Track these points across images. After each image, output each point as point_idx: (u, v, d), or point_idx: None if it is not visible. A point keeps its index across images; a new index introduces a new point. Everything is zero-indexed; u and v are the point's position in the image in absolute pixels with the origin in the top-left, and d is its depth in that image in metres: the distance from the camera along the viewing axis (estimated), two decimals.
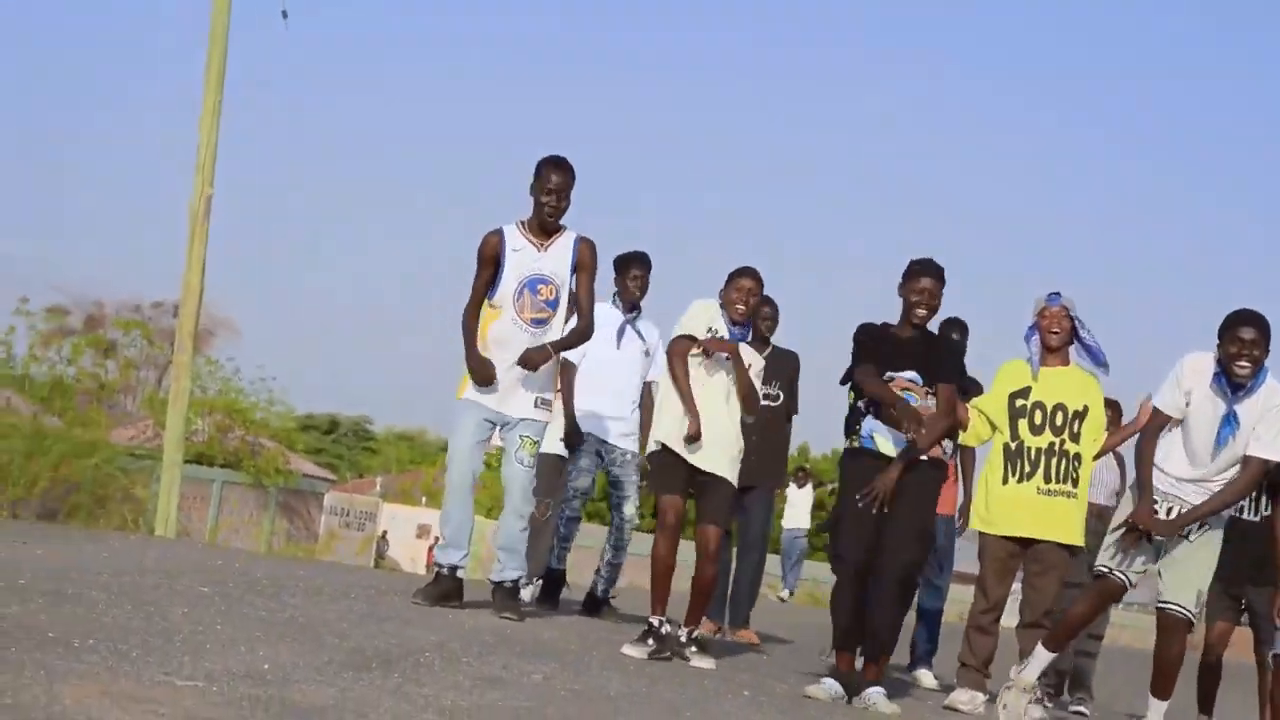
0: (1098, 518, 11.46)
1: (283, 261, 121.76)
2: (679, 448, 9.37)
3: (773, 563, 16.95)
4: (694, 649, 9.39)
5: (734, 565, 12.45)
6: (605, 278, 11.25)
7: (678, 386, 9.32)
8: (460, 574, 9.99)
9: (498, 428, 9.87)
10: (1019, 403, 9.77)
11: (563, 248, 9.84)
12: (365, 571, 11.96)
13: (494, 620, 9.39)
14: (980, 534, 9.89)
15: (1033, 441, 9.72)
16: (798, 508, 28.25)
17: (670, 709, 7.02)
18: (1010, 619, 10.45)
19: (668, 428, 9.40)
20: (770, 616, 12.71)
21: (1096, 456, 9.92)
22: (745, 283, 9.36)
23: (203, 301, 18.73)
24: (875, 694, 8.72)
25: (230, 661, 5.92)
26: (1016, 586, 9.99)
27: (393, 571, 29.20)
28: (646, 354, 11.62)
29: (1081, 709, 11.76)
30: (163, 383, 52.37)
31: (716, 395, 9.39)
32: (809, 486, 28.47)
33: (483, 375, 9.65)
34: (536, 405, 9.84)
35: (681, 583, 9.41)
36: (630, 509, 11.64)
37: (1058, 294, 9.80)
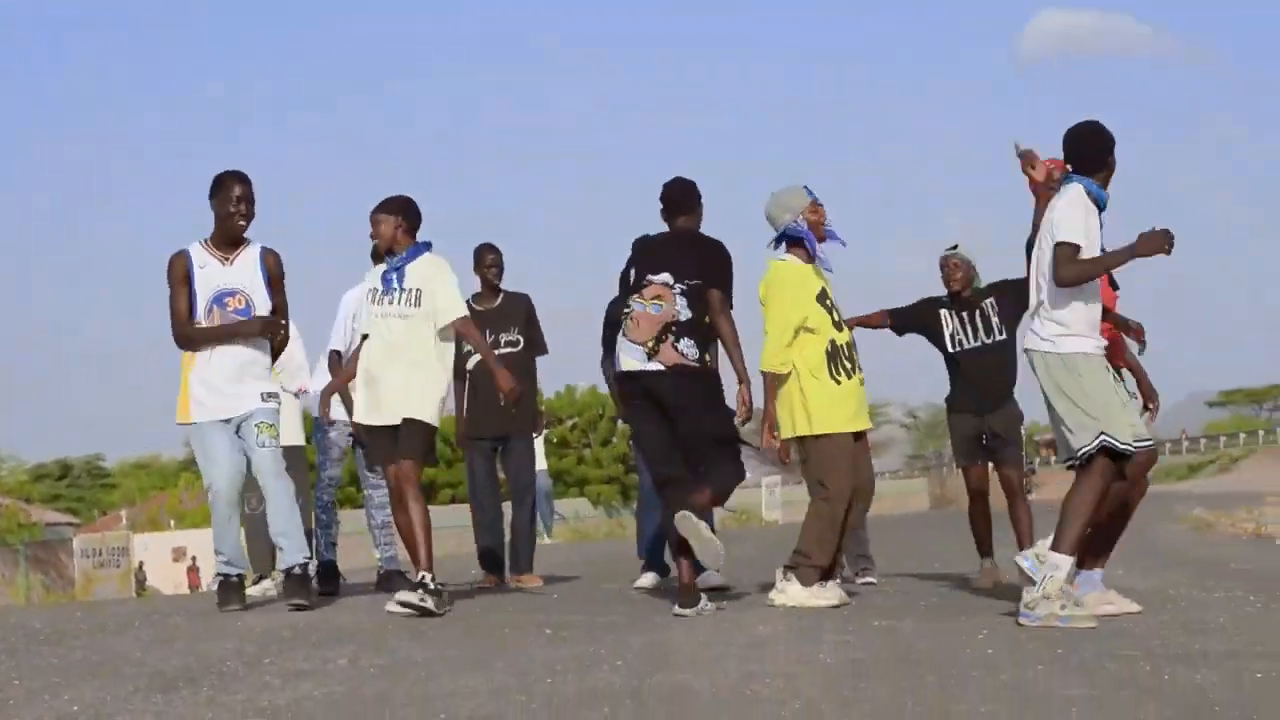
0: None
1: None
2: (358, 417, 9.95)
3: None
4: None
5: (508, 516, 12.51)
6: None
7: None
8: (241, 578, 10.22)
9: (237, 427, 9.86)
10: (825, 303, 9.80)
11: (249, 260, 10.02)
12: (136, 602, 11.80)
13: (286, 618, 9.34)
14: (824, 436, 9.76)
15: (841, 338, 9.82)
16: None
17: (479, 664, 7.07)
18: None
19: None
20: (540, 560, 12.77)
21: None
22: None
23: None
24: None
25: (38, 710, 5.87)
26: None
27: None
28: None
29: (870, 579, 11.94)
30: None
31: (373, 352, 9.77)
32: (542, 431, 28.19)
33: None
34: (264, 399, 9.92)
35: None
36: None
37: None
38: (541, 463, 29.67)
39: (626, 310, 9.50)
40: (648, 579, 11.86)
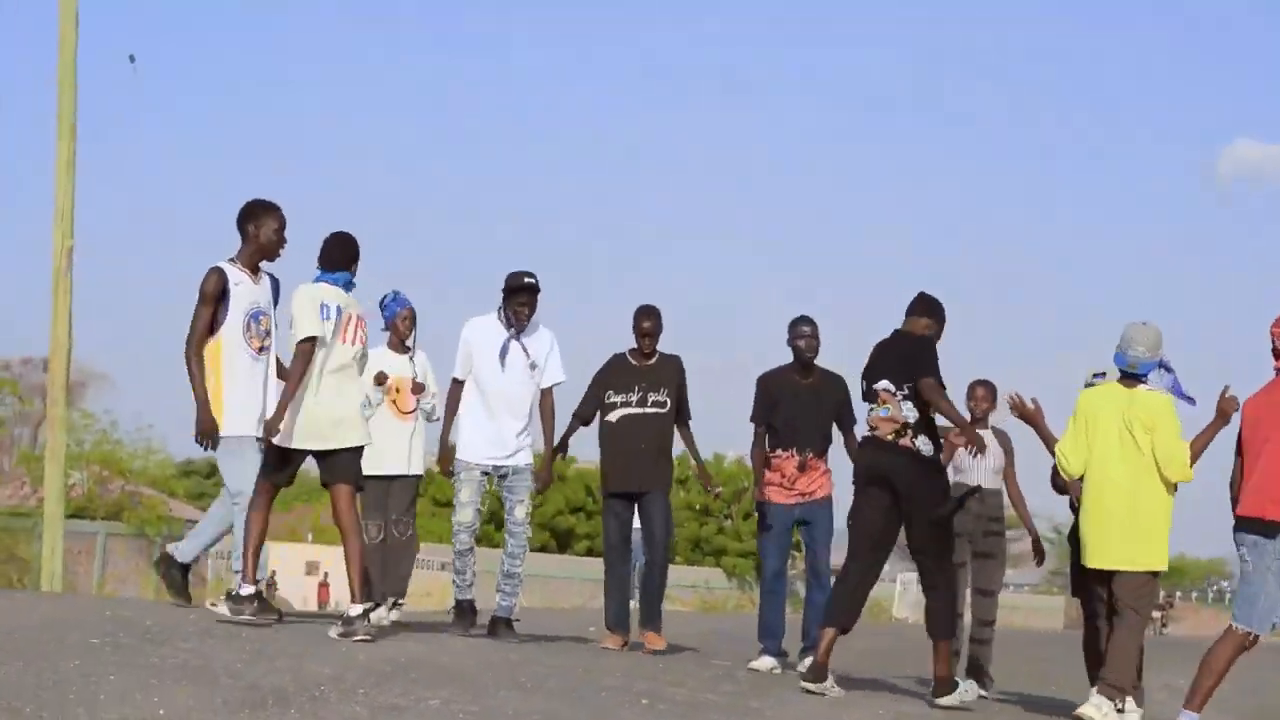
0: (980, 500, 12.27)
1: (154, 309, 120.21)
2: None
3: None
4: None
5: (638, 570, 12.68)
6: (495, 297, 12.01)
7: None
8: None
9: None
10: None
11: (266, 283, 10.79)
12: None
13: (390, 651, 9.37)
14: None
15: None
16: None
17: None
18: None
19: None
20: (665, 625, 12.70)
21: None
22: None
23: (72, 355, 18.55)
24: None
25: (125, 710, 5.92)
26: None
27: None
28: (533, 366, 11.94)
29: (983, 692, 11.85)
30: (37, 439, 51.74)
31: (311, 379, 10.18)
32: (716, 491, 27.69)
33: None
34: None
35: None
36: (521, 511, 11.80)
37: None
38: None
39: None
40: (765, 663, 11.86)
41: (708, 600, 44.20)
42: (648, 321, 12.40)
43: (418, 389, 12.67)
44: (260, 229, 10.65)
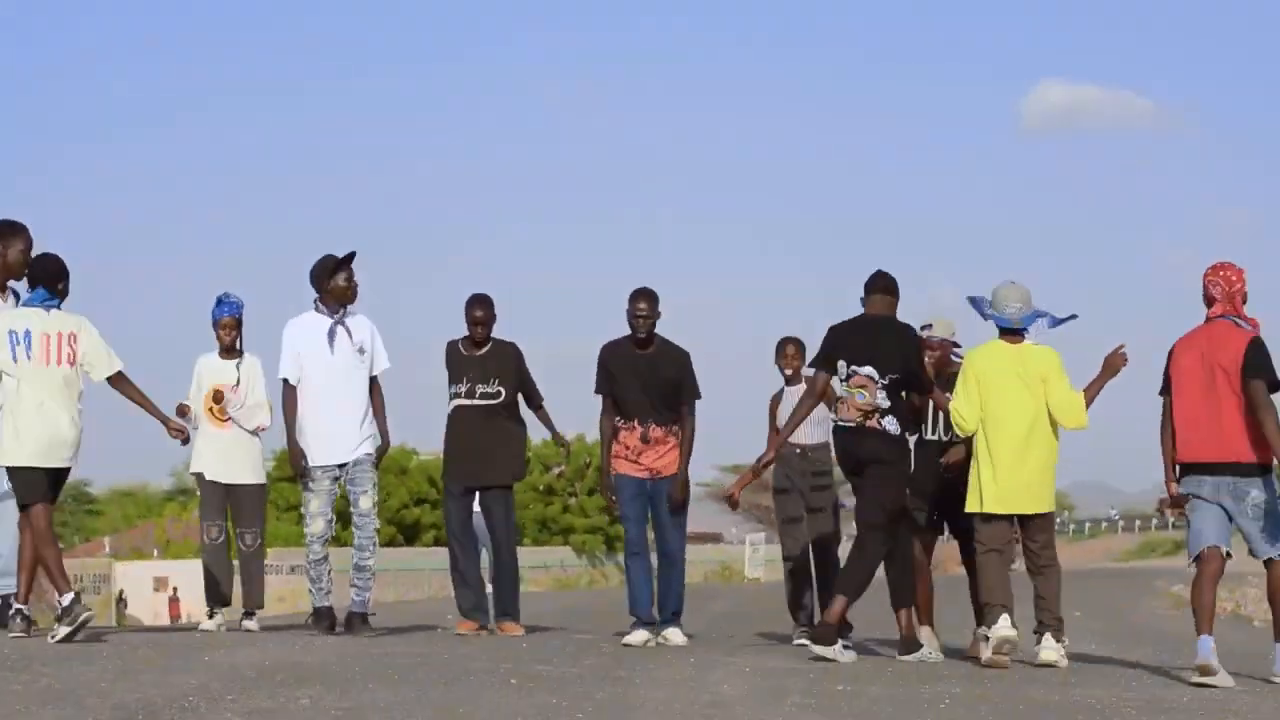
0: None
1: None
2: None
3: None
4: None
5: (489, 565, 12.60)
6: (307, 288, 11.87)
7: None
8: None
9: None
10: None
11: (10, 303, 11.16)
12: (109, 631, 11.80)
13: (253, 656, 9.36)
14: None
15: None
16: None
17: (444, 712, 7.09)
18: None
19: None
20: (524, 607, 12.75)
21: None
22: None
23: None
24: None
25: None
26: None
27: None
28: (361, 351, 11.80)
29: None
30: None
31: None
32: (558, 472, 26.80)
33: None
34: None
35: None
36: (366, 502, 11.69)
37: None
38: None
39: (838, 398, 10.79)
40: (638, 636, 11.53)
41: (561, 579, 44.25)
42: (479, 310, 12.28)
43: (218, 398, 12.44)
44: (7, 250, 11.04)
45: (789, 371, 12.49)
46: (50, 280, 10.59)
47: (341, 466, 11.70)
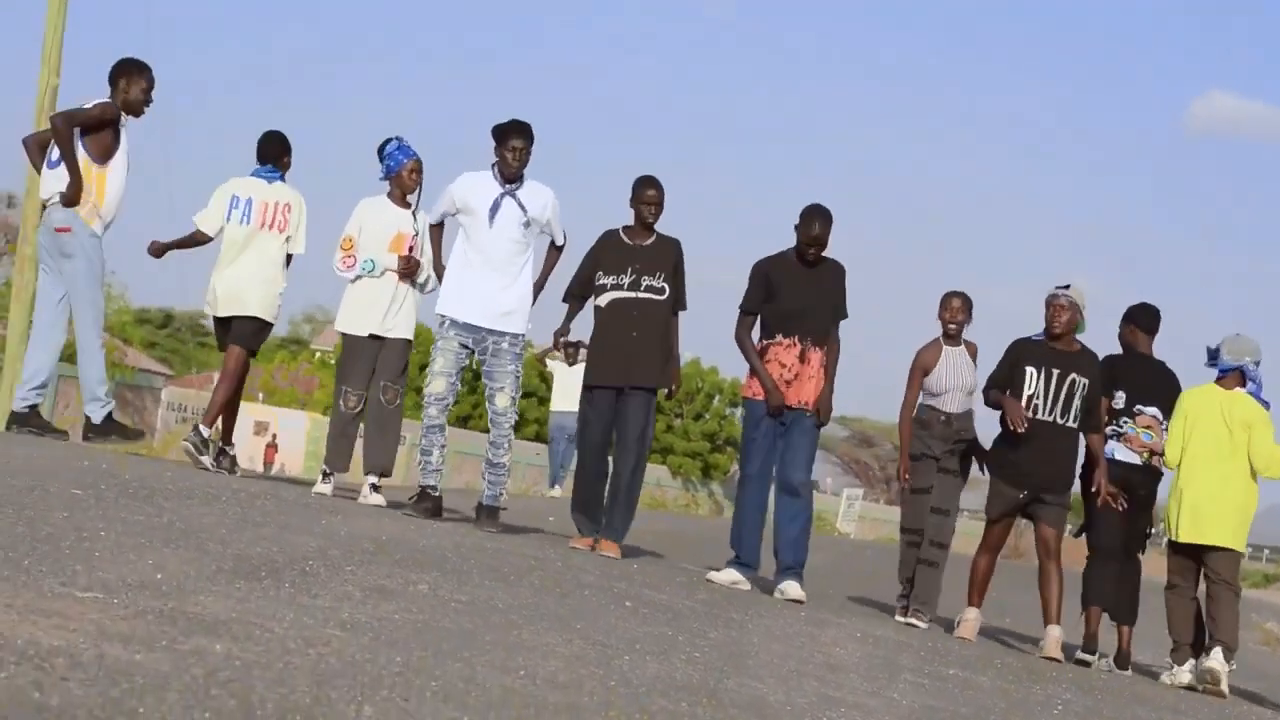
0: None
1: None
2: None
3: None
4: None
5: (610, 470, 11.84)
6: (487, 148, 11.39)
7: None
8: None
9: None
10: None
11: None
12: (224, 476, 11.76)
13: (369, 528, 9.30)
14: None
15: None
16: (567, 385, 23.54)
17: (561, 624, 6.98)
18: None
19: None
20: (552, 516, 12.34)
21: None
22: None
23: None
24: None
25: (123, 570, 5.81)
26: None
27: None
28: (527, 225, 11.31)
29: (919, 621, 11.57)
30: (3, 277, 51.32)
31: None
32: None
33: None
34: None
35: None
36: (503, 400, 11.24)
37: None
38: (574, 403, 25.91)
39: (1118, 430, 11.65)
40: (727, 575, 11.24)
41: (656, 497, 44.17)
42: (651, 189, 11.62)
43: (412, 265, 12.18)
44: (130, 87, 12.15)
45: (953, 327, 11.85)
46: (273, 157, 12.47)
47: (476, 332, 11.25)
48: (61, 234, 11.86)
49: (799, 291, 11.32)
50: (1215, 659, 10.83)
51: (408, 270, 12.14)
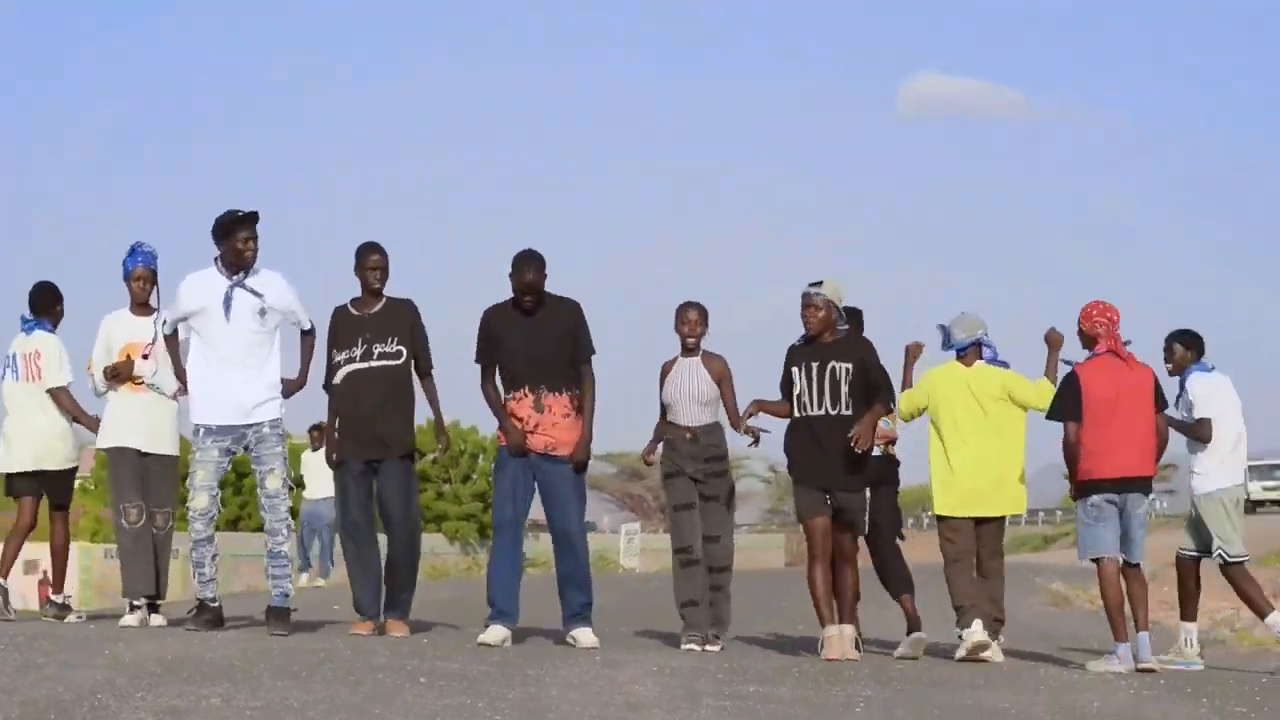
0: None
1: None
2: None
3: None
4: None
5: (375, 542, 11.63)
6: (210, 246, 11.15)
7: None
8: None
9: None
10: None
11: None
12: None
13: (153, 649, 9.20)
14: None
15: None
16: (317, 473, 22.65)
17: (359, 711, 6.99)
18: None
19: None
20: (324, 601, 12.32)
21: None
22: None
23: None
24: None
25: None
26: None
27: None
28: (263, 313, 11.06)
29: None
30: None
31: None
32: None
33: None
34: None
35: None
36: (274, 482, 11.03)
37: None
38: (330, 488, 24.94)
39: None
40: (495, 633, 11.01)
41: (435, 566, 43.93)
42: (374, 254, 11.48)
43: (121, 368, 11.77)
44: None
45: (691, 340, 11.63)
46: (45, 306, 12.60)
47: (234, 430, 11.02)
48: None
49: (521, 342, 11.17)
50: (979, 630, 11.25)
51: (116, 373, 11.77)
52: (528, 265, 11.14)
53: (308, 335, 11.50)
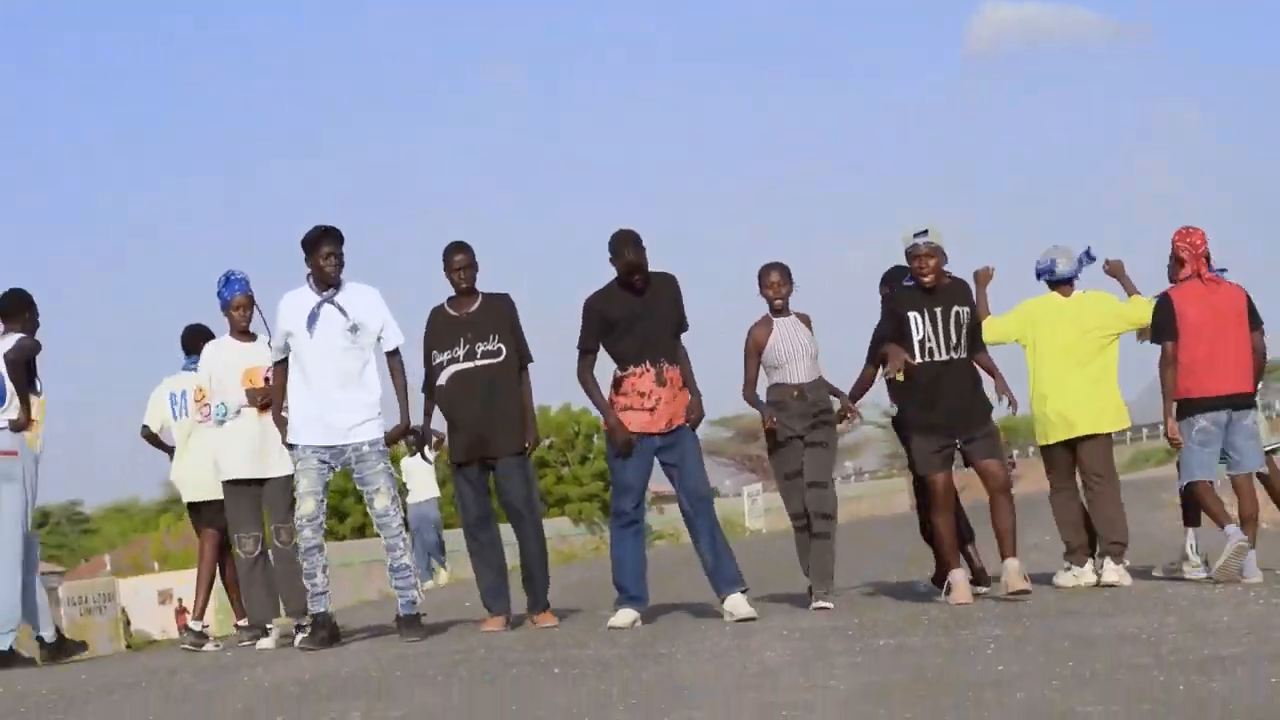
0: None
1: None
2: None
3: None
4: None
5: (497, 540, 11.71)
6: (299, 262, 11.12)
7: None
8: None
9: None
10: None
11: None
12: (138, 657, 11.73)
13: (288, 670, 9.32)
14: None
15: None
16: (419, 476, 23.29)
17: (496, 709, 7.08)
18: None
19: None
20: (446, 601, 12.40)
21: None
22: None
23: None
24: None
25: None
26: None
27: (148, 645, 28.65)
28: (354, 329, 10.98)
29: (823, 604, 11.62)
30: None
31: None
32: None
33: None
34: None
35: None
36: (382, 501, 10.96)
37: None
38: (433, 489, 24.13)
39: None
40: (624, 616, 11.10)
41: (562, 551, 44.11)
42: (459, 254, 11.52)
43: (263, 393, 11.77)
44: (35, 314, 12.35)
45: (778, 301, 11.61)
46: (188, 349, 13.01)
47: (330, 449, 10.92)
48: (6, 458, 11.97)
49: (638, 320, 11.18)
50: (1110, 572, 11.36)
51: (259, 399, 11.80)
52: (627, 245, 11.14)
53: (393, 356, 11.22)
